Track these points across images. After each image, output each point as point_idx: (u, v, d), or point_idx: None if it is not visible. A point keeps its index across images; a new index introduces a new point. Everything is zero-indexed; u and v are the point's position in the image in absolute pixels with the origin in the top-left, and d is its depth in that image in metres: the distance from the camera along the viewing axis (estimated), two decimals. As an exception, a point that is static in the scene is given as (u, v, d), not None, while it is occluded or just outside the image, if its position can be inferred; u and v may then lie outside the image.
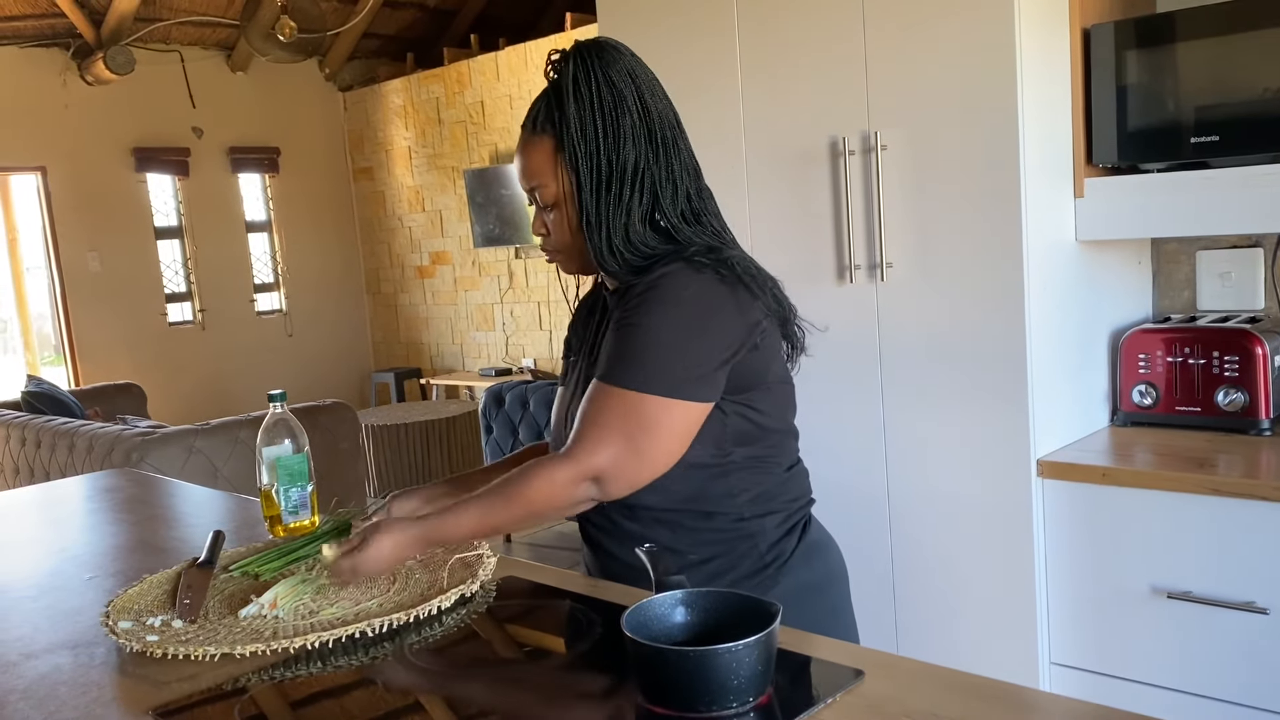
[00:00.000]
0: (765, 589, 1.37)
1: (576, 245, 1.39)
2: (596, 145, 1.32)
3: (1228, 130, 1.97)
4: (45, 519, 2.13)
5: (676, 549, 1.36)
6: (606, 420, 1.28)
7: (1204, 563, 1.89)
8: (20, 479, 4.40)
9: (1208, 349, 2.11)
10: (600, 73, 1.33)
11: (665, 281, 1.30)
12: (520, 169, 1.39)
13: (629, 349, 1.29)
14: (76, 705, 1.15)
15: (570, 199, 1.35)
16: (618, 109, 1.33)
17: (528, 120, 1.38)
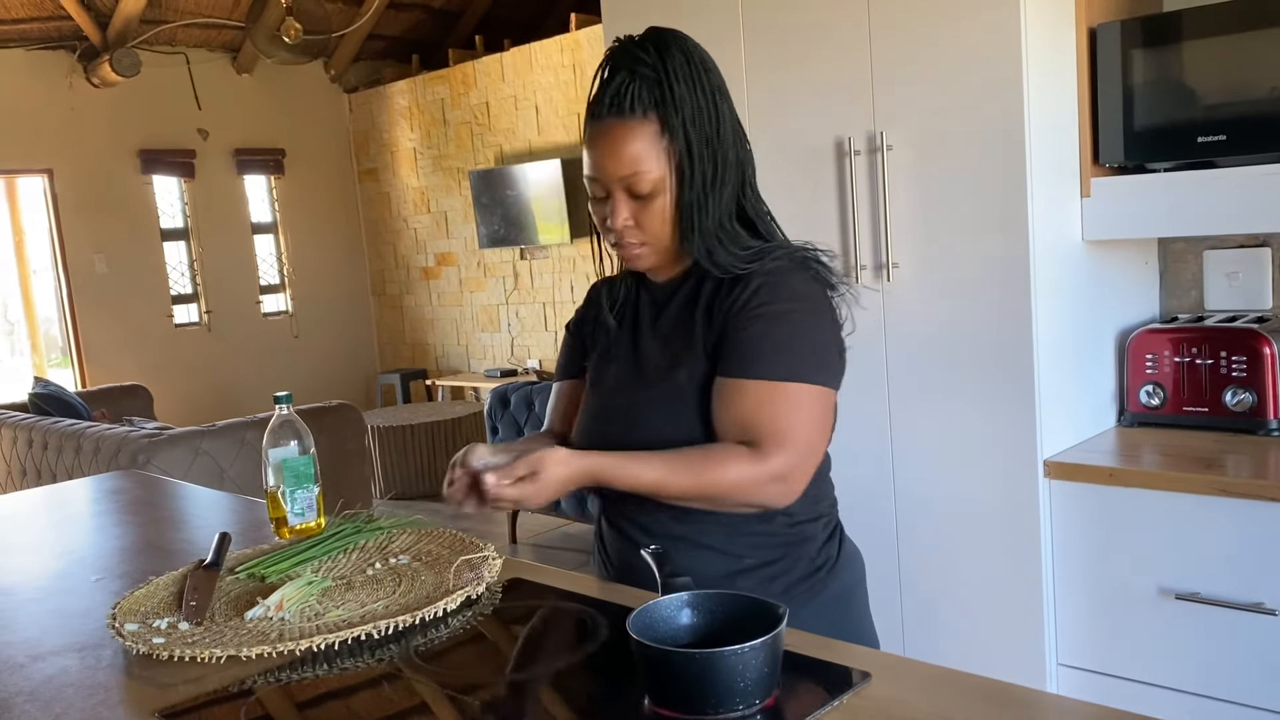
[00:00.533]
0: (814, 594, 1.36)
1: (668, 236, 1.34)
2: (711, 131, 1.30)
3: (1235, 129, 1.96)
4: (52, 521, 2.13)
5: (731, 552, 1.34)
6: (794, 424, 1.26)
7: (1212, 564, 1.88)
8: (27, 481, 4.41)
9: (1215, 349, 2.10)
10: (698, 57, 1.32)
11: (790, 279, 1.31)
12: (606, 158, 1.31)
13: (790, 344, 1.27)
14: (83, 707, 1.15)
15: (671, 187, 1.31)
16: (720, 95, 1.32)
17: (611, 104, 1.30)
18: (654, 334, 1.40)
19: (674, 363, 1.35)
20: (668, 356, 1.36)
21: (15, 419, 4.66)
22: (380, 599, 1.37)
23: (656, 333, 1.40)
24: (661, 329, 1.39)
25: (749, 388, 1.26)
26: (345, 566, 1.51)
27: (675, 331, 1.37)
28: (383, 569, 1.49)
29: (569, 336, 1.57)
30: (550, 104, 6.60)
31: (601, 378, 1.45)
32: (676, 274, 1.41)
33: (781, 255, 1.33)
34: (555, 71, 6.53)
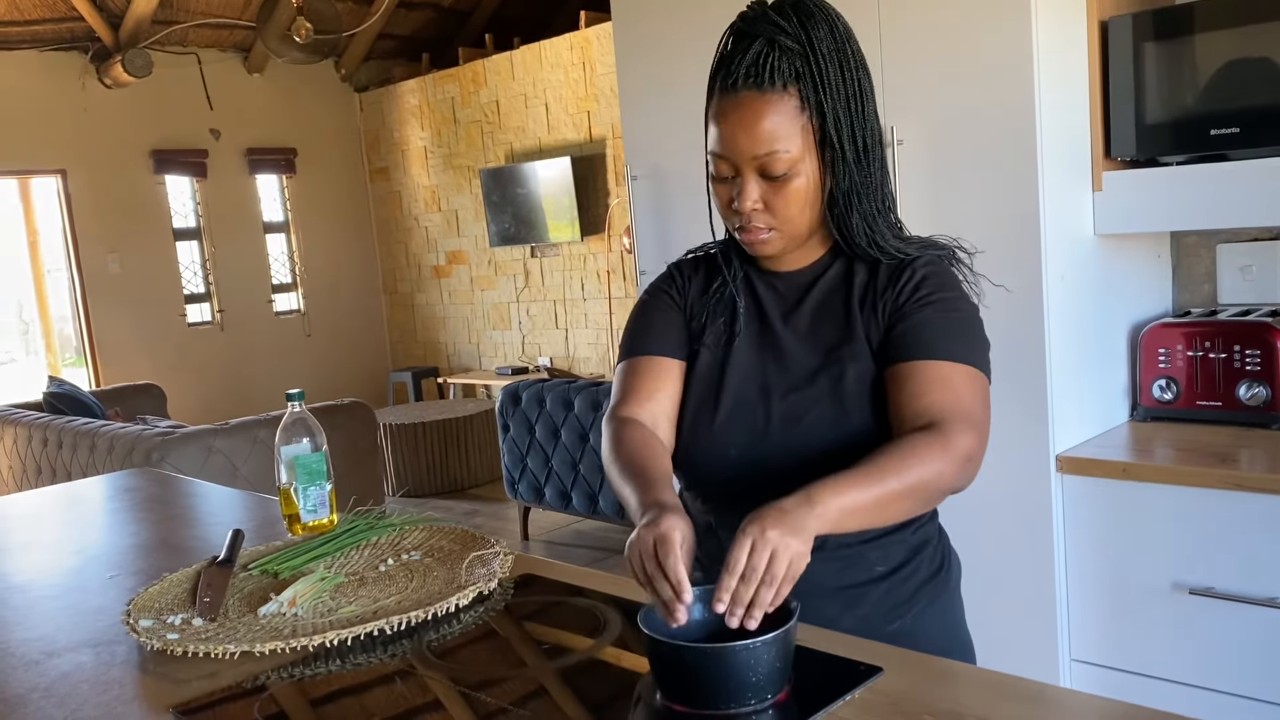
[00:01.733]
0: (938, 593, 1.33)
1: (800, 221, 1.24)
2: (857, 108, 1.21)
3: (1248, 122, 1.95)
4: (67, 519, 2.14)
5: (864, 563, 1.27)
6: (974, 403, 1.20)
7: (1226, 559, 1.87)
8: (42, 479, 4.44)
9: (1229, 343, 2.09)
10: (843, 26, 1.22)
11: (949, 271, 1.27)
12: (738, 134, 1.20)
13: (964, 330, 1.24)
14: (98, 703, 1.15)
15: (813, 164, 1.21)
16: (864, 70, 1.23)
17: (748, 75, 1.19)
18: (791, 329, 1.30)
19: (829, 360, 1.26)
20: (820, 354, 1.27)
21: (30, 418, 4.69)
22: (392, 595, 1.37)
23: (795, 328, 1.30)
24: (801, 323, 1.29)
25: (933, 369, 1.20)
26: (357, 563, 1.52)
27: (823, 326, 1.28)
28: (395, 565, 1.49)
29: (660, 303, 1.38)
30: (560, 102, 6.60)
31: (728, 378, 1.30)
32: (807, 263, 1.31)
33: (939, 247, 1.29)
34: (565, 69, 6.53)
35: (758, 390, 1.29)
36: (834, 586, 1.26)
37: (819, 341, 1.28)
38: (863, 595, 1.27)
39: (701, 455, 1.31)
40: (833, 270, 1.30)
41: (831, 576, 1.26)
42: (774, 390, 1.27)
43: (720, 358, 1.32)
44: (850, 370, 1.25)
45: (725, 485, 1.30)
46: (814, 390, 1.25)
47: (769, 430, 1.26)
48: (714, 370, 1.32)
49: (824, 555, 1.23)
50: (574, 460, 4.49)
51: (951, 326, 1.23)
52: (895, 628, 1.27)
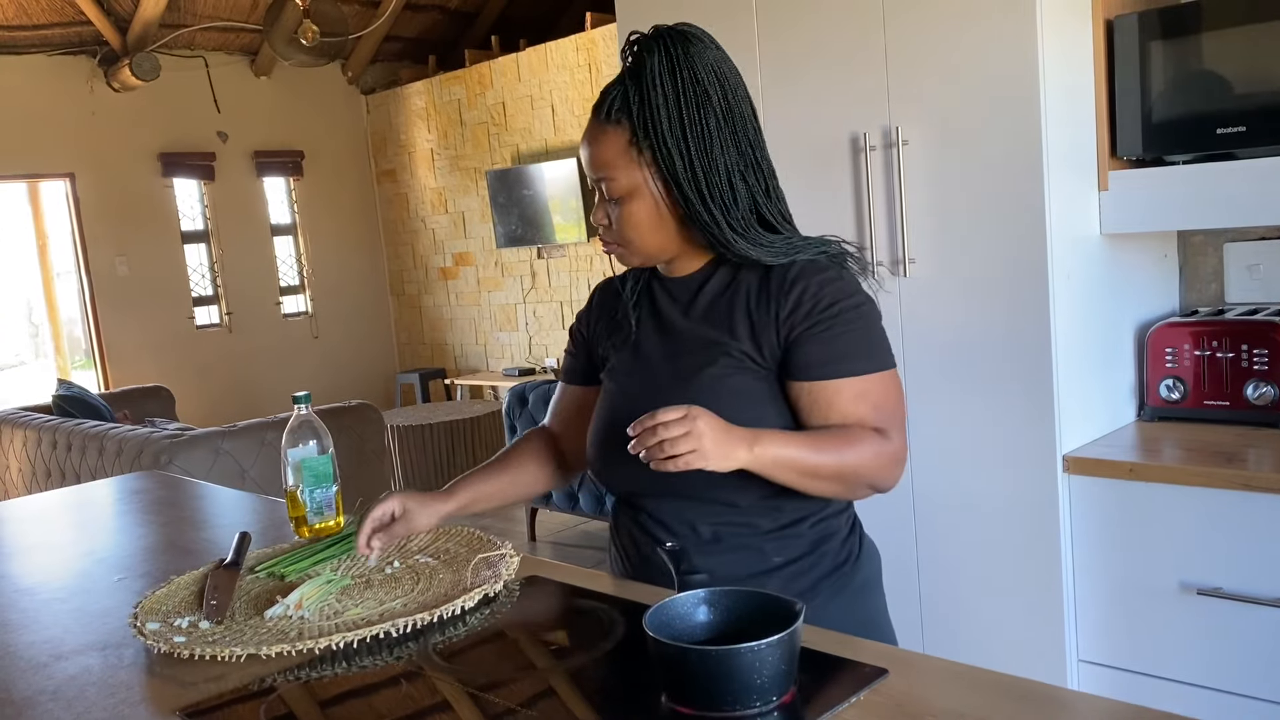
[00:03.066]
0: (840, 588, 1.37)
1: (644, 241, 1.34)
2: (683, 144, 1.28)
3: (1254, 120, 1.94)
4: (75, 521, 2.15)
5: (762, 552, 1.33)
6: (895, 407, 1.31)
7: (1234, 559, 1.87)
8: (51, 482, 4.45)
9: (1236, 342, 2.08)
10: (686, 66, 1.27)
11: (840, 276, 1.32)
12: (587, 158, 1.33)
13: (869, 336, 1.31)
14: (105, 706, 1.16)
15: (649, 193, 1.31)
16: (702, 108, 1.28)
17: (599, 107, 1.32)
18: (682, 331, 1.38)
19: (708, 357, 1.33)
20: (703, 350, 1.34)
21: (39, 421, 4.70)
22: (399, 597, 1.37)
23: (685, 329, 1.38)
24: (691, 325, 1.37)
25: (851, 385, 1.28)
26: (364, 565, 1.52)
27: (708, 325, 1.35)
28: (401, 567, 1.50)
29: (571, 341, 1.57)
30: (566, 103, 6.61)
31: (625, 378, 1.43)
32: (695, 269, 1.39)
33: (813, 250, 1.34)
34: (571, 71, 6.54)
35: (650, 385, 1.38)
36: (731, 575, 1.32)
37: (703, 338, 1.35)
38: (761, 584, 1.31)
39: (605, 453, 1.41)
40: (718, 275, 1.38)
41: (728, 565, 1.33)
42: (663, 384, 1.36)
43: (628, 359, 1.43)
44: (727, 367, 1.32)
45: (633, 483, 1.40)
46: (696, 384, 1.32)
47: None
48: (620, 371, 1.44)
49: (721, 548, 1.33)
50: (581, 461, 4.48)
51: (860, 336, 1.30)
52: None
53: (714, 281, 1.37)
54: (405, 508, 1.46)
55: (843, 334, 1.29)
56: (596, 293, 1.55)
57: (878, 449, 1.27)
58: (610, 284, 1.53)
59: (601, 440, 1.42)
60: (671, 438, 1.14)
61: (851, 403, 1.28)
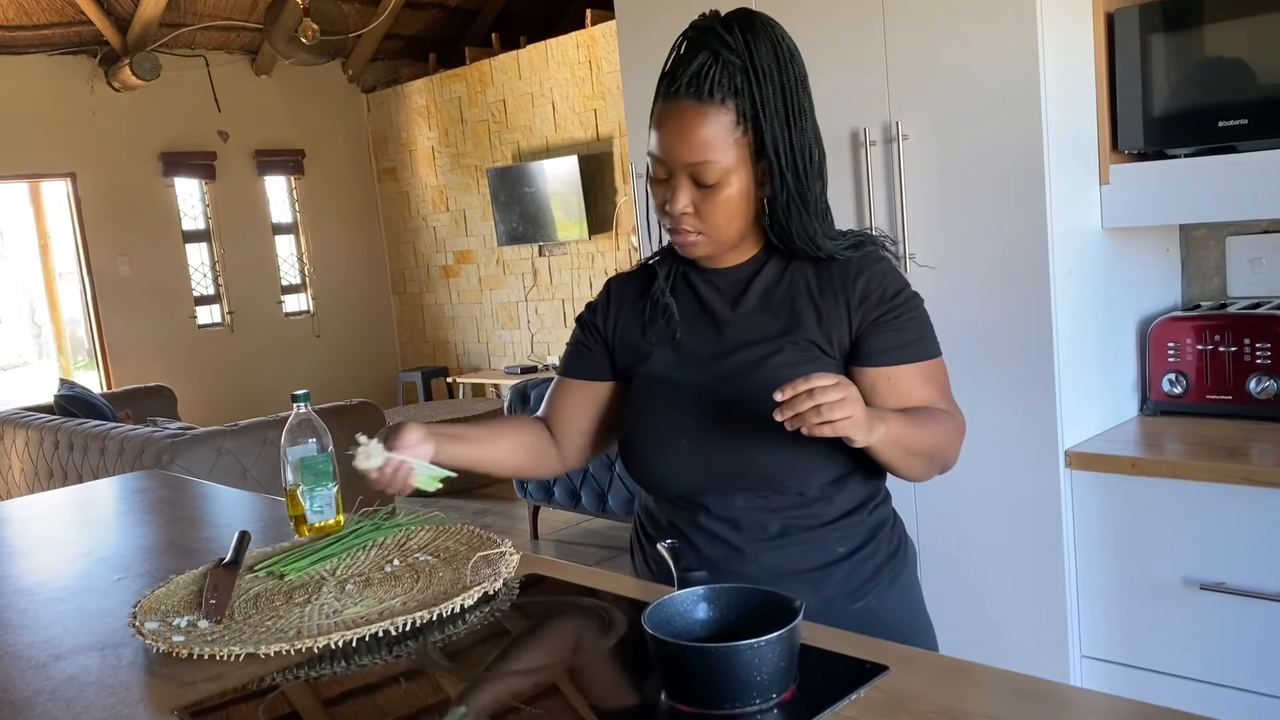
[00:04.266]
0: (897, 573, 1.37)
1: (728, 229, 1.30)
2: (799, 126, 1.26)
3: (1256, 113, 1.93)
4: (76, 521, 2.15)
5: (825, 545, 1.32)
6: (949, 387, 1.36)
7: (1237, 554, 1.86)
8: (54, 482, 4.45)
9: (1239, 336, 2.08)
10: (786, 46, 1.27)
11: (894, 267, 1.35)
12: (674, 141, 1.26)
13: (927, 324, 1.34)
14: (104, 706, 1.16)
15: (746, 177, 1.27)
16: (804, 88, 1.28)
17: (690, 85, 1.24)
18: (736, 321, 1.34)
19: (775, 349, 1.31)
20: (765, 343, 1.31)
21: (41, 421, 4.71)
22: (398, 596, 1.37)
23: (739, 319, 1.34)
24: (745, 314, 1.34)
25: (922, 369, 1.32)
26: (364, 564, 1.52)
27: (767, 316, 1.33)
28: (401, 566, 1.49)
29: (582, 333, 1.49)
30: (567, 100, 6.60)
31: (671, 372, 1.37)
32: (744, 259, 1.36)
33: (869, 243, 1.35)
34: (571, 68, 6.53)
35: (705, 378, 1.34)
36: (798, 570, 1.31)
37: (764, 330, 1.33)
38: (826, 577, 1.32)
39: (656, 452, 1.36)
40: (770, 266, 1.36)
41: (795, 560, 1.32)
42: (721, 377, 1.33)
43: (671, 354, 1.38)
44: (795, 355, 1.30)
45: (688, 481, 1.34)
46: (761, 374, 1.29)
47: (720, 417, 1.31)
48: (664, 366, 1.38)
49: (788, 540, 1.32)
50: (583, 459, 4.48)
51: (922, 326, 1.33)
52: (859, 607, 1.32)
53: (766, 273, 1.35)
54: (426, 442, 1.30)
55: (910, 321, 1.31)
56: (612, 287, 1.49)
57: (954, 427, 1.31)
58: (628, 278, 1.48)
59: (653, 440, 1.36)
60: (829, 402, 1.10)
61: (922, 386, 1.31)
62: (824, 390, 1.10)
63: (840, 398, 1.10)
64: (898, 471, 1.29)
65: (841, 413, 1.10)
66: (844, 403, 1.10)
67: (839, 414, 1.10)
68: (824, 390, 1.10)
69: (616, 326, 1.45)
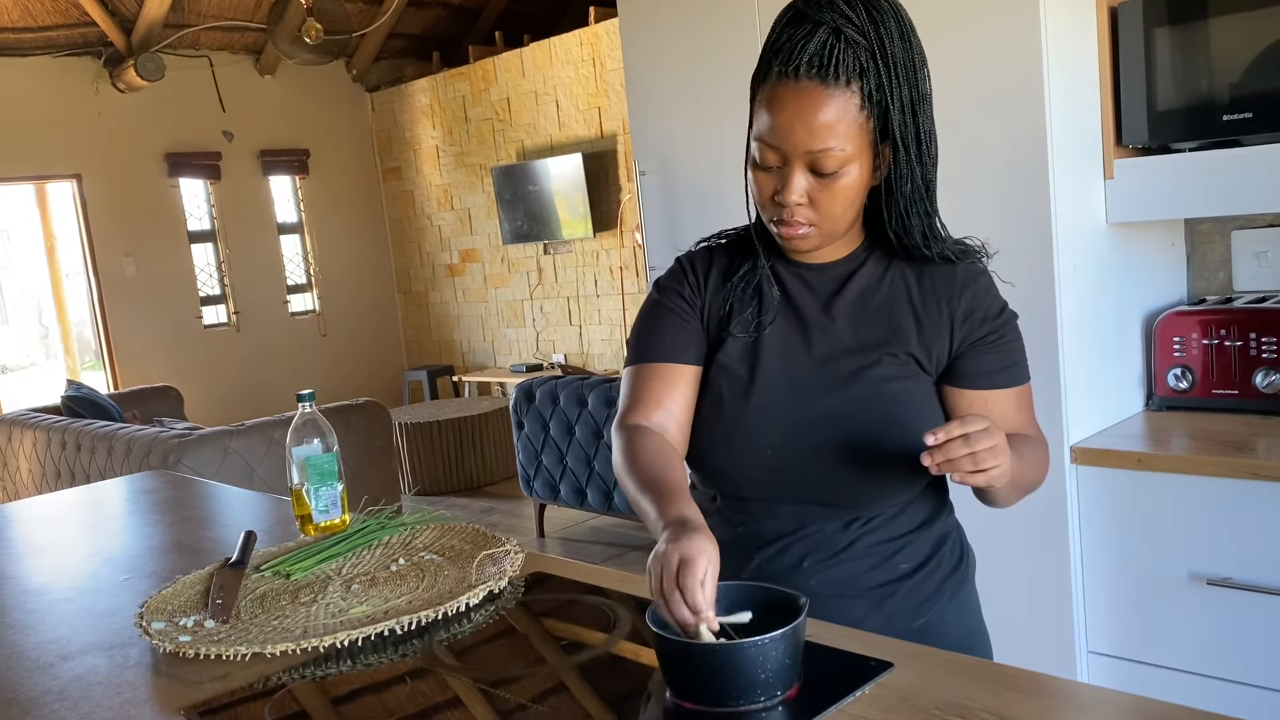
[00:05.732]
0: (958, 586, 1.33)
1: (842, 221, 1.20)
2: (925, 110, 1.19)
3: (1261, 106, 1.93)
4: (84, 521, 2.16)
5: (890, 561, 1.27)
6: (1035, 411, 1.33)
7: (1244, 548, 1.86)
8: (61, 482, 4.47)
9: (1245, 330, 2.07)
10: (909, 26, 1.17)
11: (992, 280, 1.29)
12: (794, 125, 1.14)
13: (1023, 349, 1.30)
14: (111, 706, 1.16)
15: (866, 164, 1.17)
16: (926, 70, 1.19)
17: (811, 64, 1.12)
18: (829, 323, 1.26)
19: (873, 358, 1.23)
20: (862, 350, 1.23)
21: (49, 421, 4.72)
22: (403, 594, 1.37)
23: (832, 321, 1.25)
24: (839, 317, 1.25)
25: (1018, 393, 1.28)
26: (369, 563, 1.52)
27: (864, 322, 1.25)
28: (406, 565, 1.50)
29: (669, 304, 1.32)
30: (571, 98, 6.60)
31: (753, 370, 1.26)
32: (842, 255, 1.27)
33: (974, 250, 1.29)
34: (575, 66, 6.53)
35: (796, 386, 1.24)
36: (862, 587, 1.26)
37: (861, 338, 1.24)
38: (889, 594, 1.27)
39: (733, 455, 1.26)
40: (869, 264, 1.27)
41: (862, 577, 1.26)
42: (814, 386, 1.24)
43: (750, 349, 1.27)
44: (894, 369, 1.23)
45: (761, 488, 1.27)
46: (858, 388, 1.22)
47: (810, 429, 1.23)
48: (744, 363, 1.27)
49: (852, 555, 1.26)
50: (588, 457, 4.49)
51: (1020, 349, 1.30)
52: (920, 624, 1.27)
53: (865, 272, 1.26)
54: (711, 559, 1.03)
55: (1010, 342, 1.27)
56: (696, 262, 1.34)
57: (1045, 454, 1.29)
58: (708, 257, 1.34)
59: (731, 440, 1.26)
60: (984, 449, 1.06)
61: (1017, 411, 1.27)
62: (978, 437, 1.06)
63: (992, 445, 1.06)
64: (994, 502, 1.24)
65: (993, 461, 1.06)
66: (995, 450, 1.06)
67: (991, 463, 1.06)
68: (978, 437, 1.06)
69: (713, 304, 1.31)
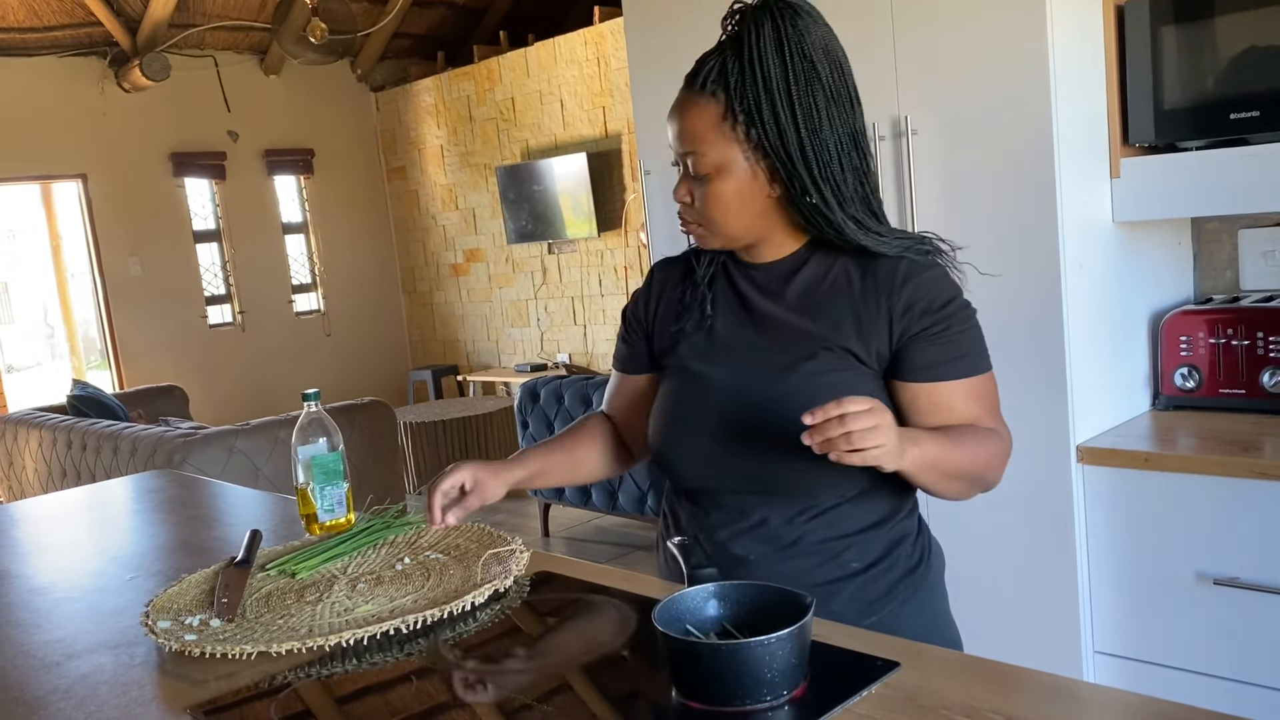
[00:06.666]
0: (915, 589, 1.33)
1: (726, 223, 1.27)
2: (794, 121, 1.20)
3: (1268, 105, 1.92)
4: (89, 520, 2.16)
5: (839, 559, 1.28)
6: (998, 404, 1.31)
7: (1251, 548, 1.85)
8: (67, 481, 4.47)
9: (1252, 330, 2.06)
10: (795, 40, 1.21)
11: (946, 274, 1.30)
12: (675, 130, 1.26)
13: (978, 338, 1.29)
14: (117, 705, 1.16)
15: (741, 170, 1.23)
16: (811, 84, 1.21)
17: (693, 76, 1.24)
18: (773, 318, 1.30)
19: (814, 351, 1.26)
20: (804, 344, 1.27)
21: (54, 421, 4.73)
22: (409, 593, 1.37)
23: (776, 317, 1.30)
24: (783, 312, 1.30)
25: (968, 385, 1.27)
26: (375, 562, 1.52)
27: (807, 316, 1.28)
28: (412, 564, 1.49)
29: (625, 327, 1.47)
30: (575, 98, 6.60)
31: (702, 367, 1.33)
32: (785, 254, 1.32)
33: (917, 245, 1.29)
34: (580, 65, 6.52)
35: (735, 378, 1.30)
36: (806, 584, 1.24)
37: (800, 332, 1.28)
38: (836, 591, 1.28)
39: (677, 446, 1.34)
40: (813, 262, 1.31)
41: (805, 573, 1.28)
42: (751, 378, 1.29)
43: (699, 346, 1.35)
44: (829, 363, 1.26)
45: (706, 479, 1.33)
46: (792, 381, 1.26)
47: (745, 420, 1.27)
48: (693, 359, 1.35)
49: (799, 550, 1.28)
50: (593, 456, 4.48)
51: (970, 341, 1.27)
52: (870, 623, 1.27)
53: (809, 269, 1.31)
54: (476, 478, 1.39)
55: (959, 334, 1.26)
56: (656, 271, 1.46)
57: (1000, 447, 1.27)
58: (672, 263, 1.45)
59: (676, 431, 1.34)
60: (860, 429, 1.06)
61: (967, 403, 1.26)
62: (856, 416, 1.06)
63: (872, 425, 1.06)
64: (933, 493, 1.25)
65: (873, 441, 1.06)
66: (875, 430, 1.06)
67: (870, 442, 1.06)
68: (856, 416, 1.06)
69: (656, 313, 1.43)
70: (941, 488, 1.23)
